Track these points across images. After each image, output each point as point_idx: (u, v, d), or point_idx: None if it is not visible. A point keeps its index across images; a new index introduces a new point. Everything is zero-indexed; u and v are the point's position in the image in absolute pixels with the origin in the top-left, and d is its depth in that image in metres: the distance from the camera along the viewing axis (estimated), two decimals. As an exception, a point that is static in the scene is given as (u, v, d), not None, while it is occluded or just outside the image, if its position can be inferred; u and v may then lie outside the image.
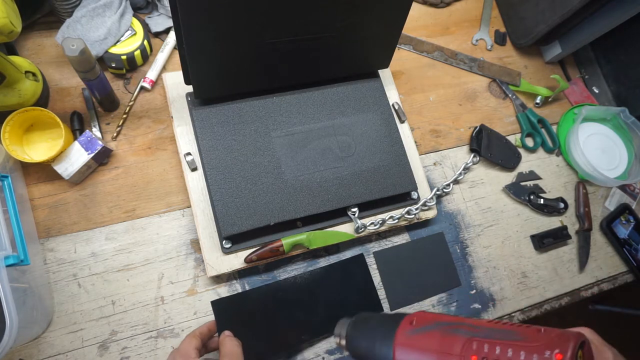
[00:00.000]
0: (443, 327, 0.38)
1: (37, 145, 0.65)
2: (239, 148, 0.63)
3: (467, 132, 0.84)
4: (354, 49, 0.67)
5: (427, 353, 0.37)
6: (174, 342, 0.61)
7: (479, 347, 0.34)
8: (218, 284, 0.65)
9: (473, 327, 0.36)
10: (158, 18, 0.75)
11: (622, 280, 0.84)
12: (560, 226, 0.82)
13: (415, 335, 0.39)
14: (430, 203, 0.72)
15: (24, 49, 0.70)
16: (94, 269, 0.62)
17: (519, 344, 0.32)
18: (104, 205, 0.65)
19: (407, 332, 0.40)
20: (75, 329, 0.59)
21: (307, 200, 0.64)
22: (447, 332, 0.37)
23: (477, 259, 0.76)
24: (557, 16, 0.81)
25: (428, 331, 0.38)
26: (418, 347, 0.38)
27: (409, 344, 0.39)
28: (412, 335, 0.39)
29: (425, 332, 0.38)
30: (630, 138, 0.91)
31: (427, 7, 0.92)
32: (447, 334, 0.37)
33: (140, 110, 0.71)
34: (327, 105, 0.69)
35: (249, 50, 0.58)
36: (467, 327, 0.36)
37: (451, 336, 0.36)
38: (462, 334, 0.36)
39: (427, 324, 0.39)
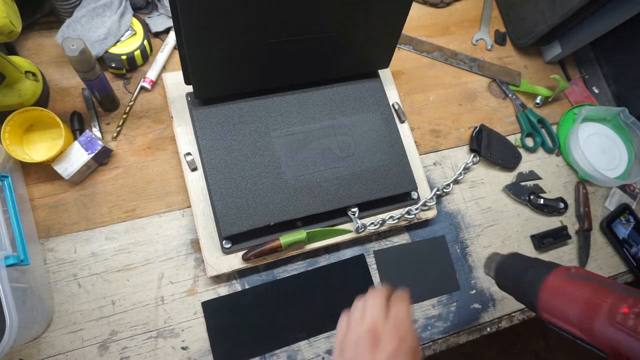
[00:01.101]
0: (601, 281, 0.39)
1: (37, 145, 0.65)
2: (239, 148, 0.63)
3: (467, 132, 0.84)
4: (354, 49, 0.67)
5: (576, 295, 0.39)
6: (174, 342, 0.61)
7: (634, 303, 0.35)
8: (218, 284, 0.65)
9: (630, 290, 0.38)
10: (158, 18, 0.75)
11: (622, 280, 0.84)
12: (560, 226, 0.82)
13: (570, 280, 0.41)
14: (430, 203, 0.72)
15: (24, 49, 0.70)
16: (94, 269, 0.62)
17: None
18: (104, 205, 0.65)
19: (565, 274, 0.41)
20: (75, 329, 0.59)
21: (307, 200, 0.64)
22: (603, 285, 0.39)
23: (477, 259, 0.76)
24: (557, 16, 0.81)
25: (584, 280, 0.40)
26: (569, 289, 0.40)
27: (561, 284, 0.41)
28: (567, 279, 0.41)
29: (580, 280, 0.40)
30: (630, 138, 0.91)
31: (427, 7, 0.92)
32: (603, 287, 0.38)
33: (140, 110, 0.71)
34: (327, 105, 0.69)
35: (249, 50, 0.58)
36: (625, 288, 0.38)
37: (607, 289, 0.38)
38: (618, 291, 0.37)
39: (583, 274, 0.41)
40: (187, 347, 0.61)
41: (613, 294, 0.37)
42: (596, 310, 0.37)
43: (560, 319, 0.40)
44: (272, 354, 0.63)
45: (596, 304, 0.37)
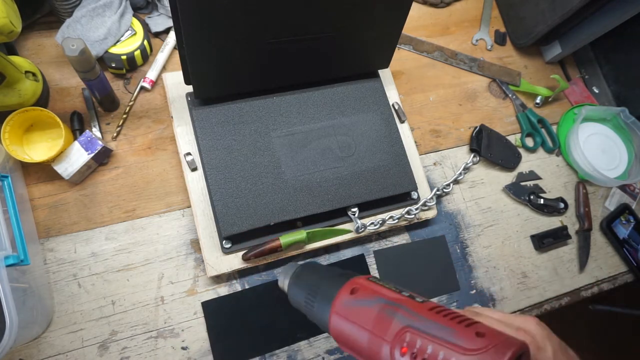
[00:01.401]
0: (382, 305, 0.36)
1: (37, 145, 0.65)
2: (239, 148, 0.63)
3: (467, 132, 0.84)
4: (354, 49, 0.66)
5: (360, 329, 0.36)
6: (174, 342, 0.61)
7: (411, 340, 0.32)
8: (218, 284, 0.65)
9: (412, 314, 0.34)
10: (158, 18, 0.75)
11: (622, 280, 0.84)
12: (560, 226, 0.82)
13: (353, 308, 0.37)
14: (430, 203, 0.72)
15: (24, 49, 0.70)
16: (94, 269, 0.62)
17: (453, 347, 0.30)
18: (104, 205, 0.65)
19: (346, 301, 0.38)
20: (75, 329, 0.59)
21: (307, 200, 0.64)
22: (384, 313, 0.35)
23: (477, 259, 0.76)
24: (557, 16, 0.81)
25: (366, 306, 0.37)
26: (354, 321, 0.37)
27: (345, 316, 0.37)
28: (350, 307, 0.38)
29: (363, 307, 0.37)
30: (630, 138, 0.91)
31: (427, 7, 0.92)
32: (383, 315, 0.35)
33: (140, 110, 0.71)
34: (327, 105, 0.69)
35: (249, 50, 0.58)
36: (406, 312, 0.34)
37: (387, 319, 0.35)
38: (398, 320, 0.34)
39: (368, 297, 0.37)
40: (187, 347, 0.61)
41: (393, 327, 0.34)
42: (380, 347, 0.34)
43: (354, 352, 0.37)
44: (272, 354, 0.63)
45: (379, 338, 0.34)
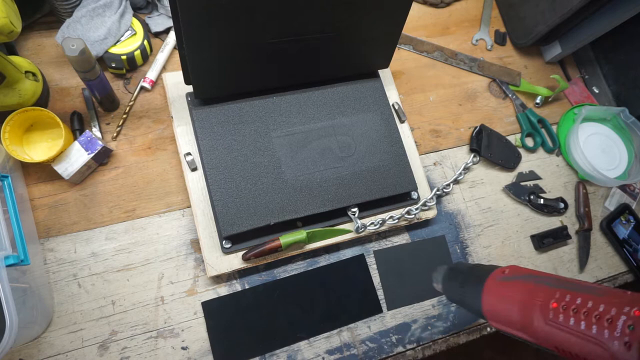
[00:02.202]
0: (532, 278, 0.39)
1: (37, 145, 0.65)
2: (239, 148, 0.63)
3: (467, 132, 0.84)
4: (354, 49, 0.67)
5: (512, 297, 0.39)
6: (174, 342, 0.61)
7: (561, 296, 0.35)
8: (218, 284, 0.65)
9: (560, 281, 0.37)
10: (158, 18, 0.75)
11: (622, 280, 0.84)
12: (560, 226, 0.82)
13: (504, 282, 0.41)
14: (430, 203, 0.72)
15: (24, 49, 0.70)
16: (94, 269, 0.62)
17: (600, 298, 0.33)
18: (104, 205, 0.65)
19: (498, 278, 0.42)
20: (75, 329, 0.59)
21: (307, 200, 0.64)
22: (534, 282, 0.38)
23: (477, 259, 0.76)
24: (557, 16, 0.81)
25: (517, 280, 0.40)
26: (505, 292, 0.40)
27: (497, 291, 0.41)
28: (502, 282, 0.41)
29: (514, 281, 0.40)
30: (630, 138, 0.91)
31: (427, 7, 0.92)
32: (534, 284, 0.38)
33: (140, 110, 0.71)
34: (327, 105, 0.69)
35: (249, 50, 0.58)
36: (555, 280, 0.38)
37: (537, 286, 0.38)
38: (547, 285, 0.37)
39: (518, 274, 0.41)
40: (187, 347, 0.62)
41: (543, 291, 0.37)
42: (531, 311, 0.37)
43: (505, 324, 0.40)
44: (272, 354, 0.63)
45: (530, 304, 0.37)
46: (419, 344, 0.69)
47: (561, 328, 0.34)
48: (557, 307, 0.35)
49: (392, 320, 0.69)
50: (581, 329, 0.33)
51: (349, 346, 0.66)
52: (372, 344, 0.67)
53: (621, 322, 0.31)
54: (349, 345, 0.66)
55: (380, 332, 0.68)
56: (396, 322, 0.69)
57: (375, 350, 0.67)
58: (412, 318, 0.70)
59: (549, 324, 0.35)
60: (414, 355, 0.68)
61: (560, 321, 0.34)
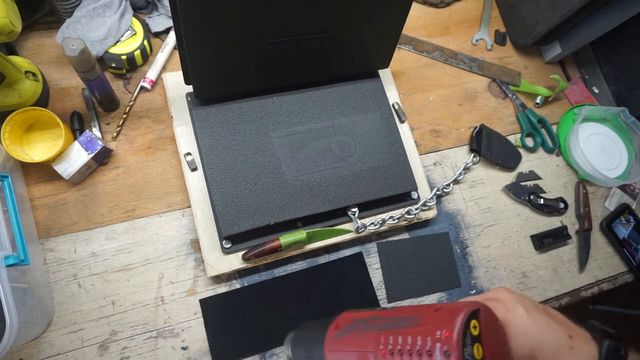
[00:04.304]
0: (359, 326, 0.39)
1: (37, 145, 0.65)
2: (239, 148, 0.63)
3: (467, 132, 0.84)
4: (354, 49, 0.66)
5: (350, 354, 0.38)
6: (174, 342, 0.61)
7: (385, 340, 0.34)
8: (218, 284, 0.65)
9: (384, 320, 0.37)
10: (158, 18, 0.75)
11: (622, 280, 0.84)
12: (560, 226, 0.82)
13: (338, 339, 0.40)
14: (430, 203, 0.72)
15: (24, 49, 0.70)
16: (94, 269, 0.62)
17: (417, 329, 0.32)
18: (104, 205, 0.65)
19: (332, 337, 0.41)
20: (75, 329, 0.59)
21: (307, 200, 0.64)
22: (362, 330, 0.38)
23: (477, 259, 0.76)
24: (557, 16, 0.81)
25: (348, 333, 0.40)
26: (342, 349, 0.39)
27: (335, 349, 0.40)
28: (336, 340, 0.41)
29: (345, 335, 0.40)
30: (630, 138, 0.91)
31: (427, 7, 0.92)
32: (362, 332, 0.38)
33: (140, 110, 0.71)
34: (327, 105, 0.69)
35: (249, 50, 0.58)
36: (379, 320, 0.37)
37: (365, 333, 0.37)
38: (374, 329, 0.37)
39: (347, 325, 0.41)
40: (187, 347, 0.61)
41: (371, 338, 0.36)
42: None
43: None
44: (272, 354, 0.63)
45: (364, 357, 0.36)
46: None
47: None
48: (385, 353, 0.34)
49: (392, 320, 0.69)
50: None
51: (349, 346, 0.66)
52: (372, 344, 0.67)
53: (438, 351, 0.30)
54: (349, 345, 0.66)
55: (380, 332, 0.68)
56: (396, 322, 0.69)
57: (375, 350, 0.67)
58: (412, 318, 0.70)
59: None
60: (414, 355, 0.68)
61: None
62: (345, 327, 0.41)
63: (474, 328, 0.31)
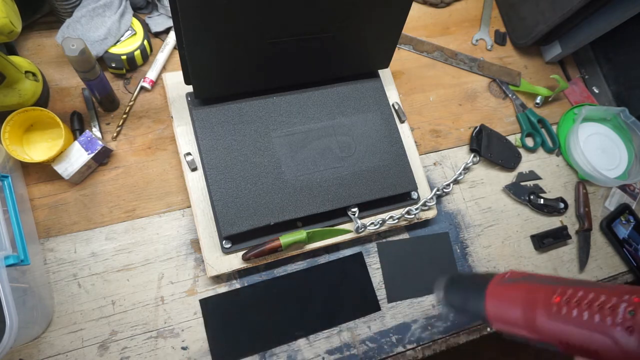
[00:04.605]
0: (532, 279, 0.41)
1: (37, 145, 0.65)
2: (239, 148, 0.63)
3: (467, 132, 0.84)
4: (354, 49, 0.66)
5: (514, 298, 0.40)
6: (174, 342, 0.61)
7: (562, 291, 0.36)
8: (218, 284, 0.65)
9: (560, 279, 0.39)
10: (158, 18, 0.75)
11: (622, 280, 0.84)
12: (560, 226, 0.82)
13: (506, 284, 0.42)
14: (430, 203, 0.72)
15: (24, 49, 0.70)
16: (94, 269, 0.62)
17: (600, 290, 0.34)
18: (104, 205, 0.65)
19: (499, 281, 0.43)
20: (75, 329, 0.59)
21: (307, 200, 0.64)
22: (534, 282, 0.40)
23: (477, 259, 0.76)
24: (557, 16, 0.81)
25: (518, 282, 0.42)
26: (507, 294, 0.41)
27: (500, 291, 0.42)
28: (504, 284, 0.43)
29: (515, 282, 0.42)
30: (630, 138, 0.91)
31: (427, 7, 0.92)
32: (534, 284, 0.40)
33: (140, 110, 0.71)
34: (327, 105, 0.69)
35: (249, 50, 0.58)
36: (555, 279, 0.39)
37: (538, 284, 0.39)
38: (547, 283, 0.39)
39: (518, 276, 0.43)
40: (187, 347, 0.62)
41: (543, 288, 0.38)
42: (534, 308, 0.38)
43: (509, 325, 0.41)
44: (272, 354, 0.63)
45: (532, 301, 0.38)
46: (419, 344, 0.69)
47: (564, 321, 0.35)
48: (559, 301, 0.36)
49: (392, 320, 0.69)
50: (584, 319, 0.33)
51: (349, 346, 0.66)
52: (372, 344, 0.67)
53: (622, 309, 0.31)
54: (349, 345, 0.66)
55: (380, 332, 0.68)
56: (396, 322, 0.69)
57: (375, 350, 0.67)
58: (412, 318, 0.70)
59: (552, 318, 0.36)
60: (414, 355, 0.68)
61: (563, 314, 0.35)
62: (514, 277, 0.43)
63: None
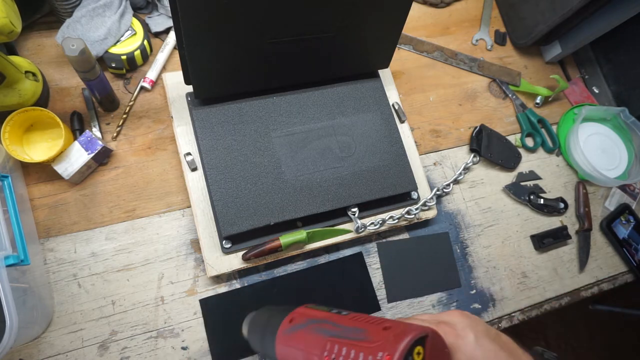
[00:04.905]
0: (312, 326, 0.39)
1: (37, 145, 0.65)
2: (239, 148, 0.63)
3: (467, 132, 0.84)
4: (354, 49, 0.66)
5: (297, 352, 0.39)
6: (174, 342, 0.61)
7: (331, 348, 0.35)
8: (218, 284, 0.65)
9: (335, 326, 0.38)
10: (158, 18, 0.75)
11: (622, 280, 0.84)
12: (560, 226, 0.82)
13: (290, 334, 0.41)
14: (430, 203, 0.72)
15: (24, 49, 0.70)
16: (94, 269, 0.62)
17: (363, 345, 0.33)
18: (104, 205, 0.65)
19: (285, 330, 0.42)
20: (75, 329, 0.60)
21: (307, 200, 0.64)
22: (312, 332, 0.38)
23: (477, 259, 0.76)
24: (557, 16, 0.81)
25: (299, 330, 0.40)
26: (291, 345, 0.40)
27: (285, 343, 0.41)
28: (288, 334, 0.41)
29: (297, 331, 0.40)
30: (630, 138, 0.91)
31: (427, 7, 0.92)
32: (312, 333, 0.38)
33: (140, 110, 0.71)
34: (327, 105, 0.69)
35: (249, 50, 0.58)
36: (332, 325, 0.38)
37: (315, 335, 0.38)
38: (324, 334, 0.37)
39: (301, 322, 0.41)
40: (187, 347, 0.62)
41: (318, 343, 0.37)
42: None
43: None
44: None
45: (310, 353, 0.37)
46: (419, 344, 0.68)
47: None
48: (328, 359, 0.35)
49: (392, 320, 0.69)
50: None
51: (349, 346, 0.66)
52: (372, 344, 0.67)
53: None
54: (349, 345, 0.66)
55: (380, 332, 0.68)
56: (396, 322, 0.69)
57: (375, 350, 0.67)
58: (412, 318, 0.70)
59: None
60: (414, 355, 0.68)
61: None
62: (298, 323, 0.41)
63: (418, 355, 0.31)
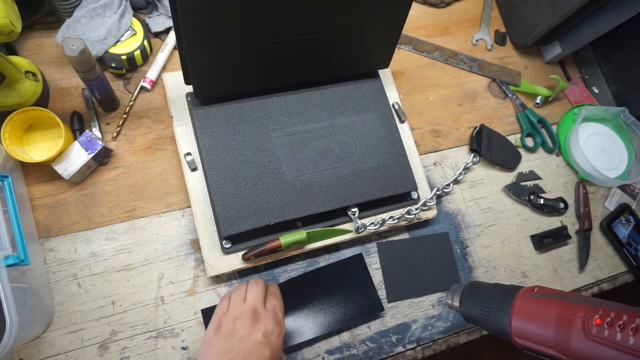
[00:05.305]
0: (564, 297, 0.40)
1: (37, 145, 0.65)
2: (239, 148, 0.63)
3: (467, 132, 0.84)
4: (354, 49, 0.67)
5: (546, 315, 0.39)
6: (174, 342, 0.61)
7: (604, 313, 0.35)
8: (218, 284, 0.65)
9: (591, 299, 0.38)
10: (158, 18, 0.75)
11: (622, 280, 0.84)
12: (560, 226, 0.82)
13: (536, 299, 0.41)
14: (430, 203, 0.72)
15: (24, 49, 0.70)
16: (94, 269, 0.62)
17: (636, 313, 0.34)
18: (104, 205, 0.65)
19: (528, 295, 0.42)
20: (75, 329, 0.60)
21: (307, 200, 0.64)
22: (569, 300, 0.39)
23: (477, 259, 0.76)
24: (557, 16, 0.81)
25: (550, 297, 0.40)
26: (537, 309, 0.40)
27: (528, 307, 0.41)
28: (533, 299, 0.41)
29: (546, 298, 0.40)
30: (630, 138, 0.91)
31: (427, 7, 0.92)
32: (569, 301, 0.38)
33: (140, 110, 0.71)
34: (327, 105, 0.69)
35: (249, 50, 0.58)
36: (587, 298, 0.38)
37: (574, 303, 0.38)
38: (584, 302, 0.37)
39: (547, 292, 0.41)
40: (187, 347, 0.62)
41: (582, 308, 0.37)
42: (569, 327, 0.36)
43: (535, 342, 0.39)
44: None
45: (568, 320, 0.37)
46: (419, 344, 0.69)
47: (606, 344, 0.34)
48: (600, 323, 0.35)
49: (392, 320, 0.69)
50: (629, 344, 0.33)
51: (349, 346, 0.66)
52: (372, 344, 0.67)
53: None
54: (349, 345, 0.66)
55: (380, 332, 0.68)
56: (396, 322, 0.69)
57: (375, 350, 0.67)
58: (412, 318, 0.70)
59: (591, 339, 0.35)
60: (414, 355, 0.68)
61: (605, 336, 0.34)
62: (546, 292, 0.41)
63: None
